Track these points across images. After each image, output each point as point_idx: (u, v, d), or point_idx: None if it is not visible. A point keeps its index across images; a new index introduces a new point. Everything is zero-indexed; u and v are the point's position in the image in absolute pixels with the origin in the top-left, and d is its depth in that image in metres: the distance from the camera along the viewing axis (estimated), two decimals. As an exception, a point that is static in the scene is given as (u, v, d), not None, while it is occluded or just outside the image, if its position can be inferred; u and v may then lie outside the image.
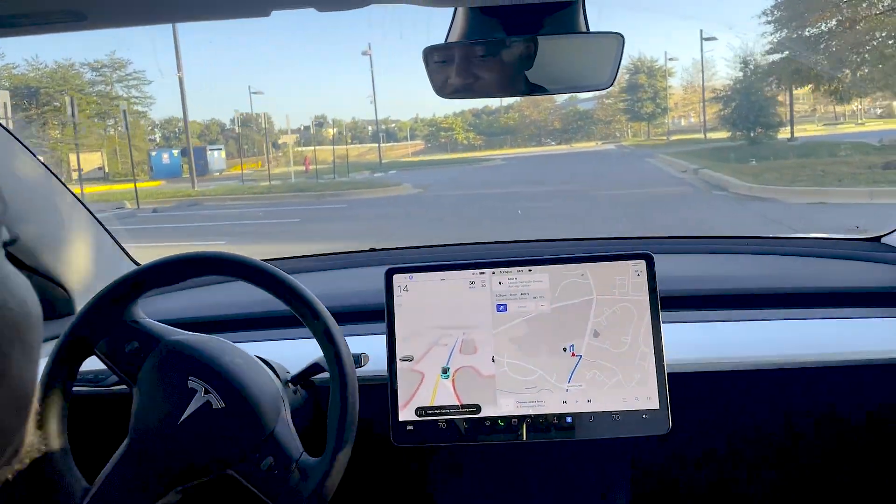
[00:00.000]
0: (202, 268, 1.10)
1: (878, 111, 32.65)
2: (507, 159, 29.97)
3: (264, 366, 1.12)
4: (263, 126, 38.63)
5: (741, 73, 25.09)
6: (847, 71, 17.78)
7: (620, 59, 1.07)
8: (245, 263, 1.07)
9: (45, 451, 1.02)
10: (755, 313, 1.43)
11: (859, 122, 31.40)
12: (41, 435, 1.03)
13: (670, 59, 40.09)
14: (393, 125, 49.87)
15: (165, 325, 1.11)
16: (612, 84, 1.10)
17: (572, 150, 34.01)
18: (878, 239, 1.75)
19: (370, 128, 45.74)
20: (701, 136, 31.40)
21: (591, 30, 1.08)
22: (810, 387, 1.36)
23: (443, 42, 1.13)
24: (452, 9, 1.11)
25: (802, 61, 18.50)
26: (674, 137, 34.44)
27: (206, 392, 1.02)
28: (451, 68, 1.12)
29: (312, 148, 35.72)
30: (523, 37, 1.07)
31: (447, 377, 1.21)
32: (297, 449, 1.04)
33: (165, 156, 29.24)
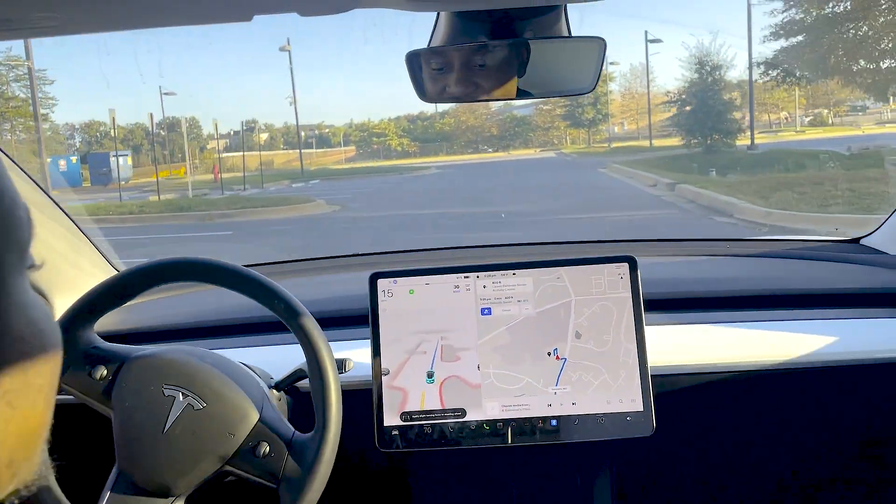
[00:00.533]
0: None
1: (808, 119, 34.75)
2: (442, 167, 28.80)
3: (239, 363, 1.19)
4: (152, 129, 34.09)
5: (697, 75, 24.56)
6: (871, 64, 16.55)
7: (602, 63, 1.19)
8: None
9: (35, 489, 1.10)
10: (736, 315, 1.51)
11: (798, 129, 32.37)
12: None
13: (611, 63, 37.44)
14: (327, 130, 47.74)
15: (123, 345, 1.16)
16: (594, 88, 1.23)
17: (511, 158, 33.69)
18: (857, 241, 1.92)
19: (303, 133, 43.20)
20: (644, 143, 31.94)
21: (572, 34, 1.24)
22: (792, 388, 1.45)
23: (425, 47, 1.27)
24: (435, 13, 1.25)
25: (823, 46, 16.96)
26: (615, 144, 34.60)
27: (185, 396, 1.08)
28: (434, 72, 1.25)
29: (218, 155, 33.71)
30: (507, 41, 1.20)
31: (432, 381, 1.29)
32: (287, 429, 1.11)
33: (63, 163, 27.34)
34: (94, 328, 1.17)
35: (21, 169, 1.41)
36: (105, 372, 1.13)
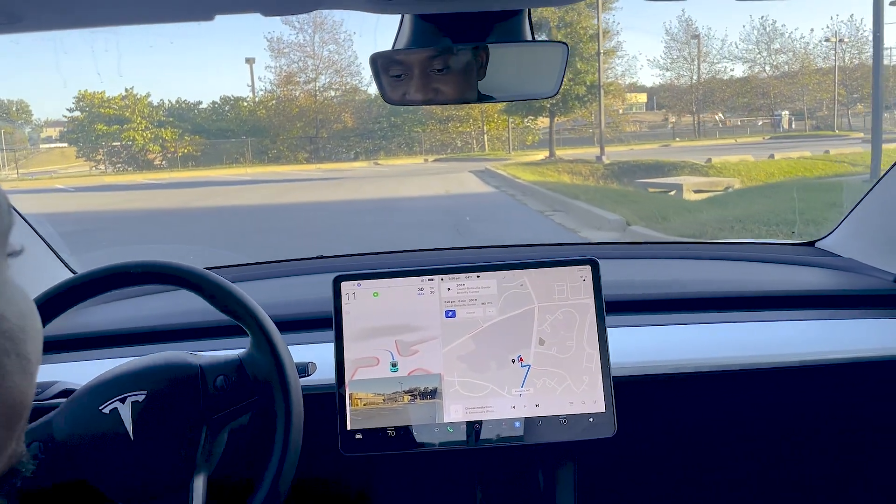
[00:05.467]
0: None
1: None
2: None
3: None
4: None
5: None
6: None
7: (565, 67, 1.22)
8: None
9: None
10: (697, 317, 1.55)
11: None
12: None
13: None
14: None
15: (37, 420, 1.11)
16: (556, 92, 1.25)
17: (377, 186, 16.48)
18: (812, 244, 1.97)
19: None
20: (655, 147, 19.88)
21: (536, 38, 1.24)
22: (749, 388, 1.48)
23: (389, 49, 1.26)
24: (399, 15, 1.24)
25: None
26: (612, 149, 19.45)
27: (123, 400, 1.07)
28: (397, 75, 1.25)
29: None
30: (470, 45, 1.20)
31: (396, 384, 1.28)
32: (232, 355, 1.13)
33: None
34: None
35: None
36: (41, 445, 1.09)
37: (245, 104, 25.24)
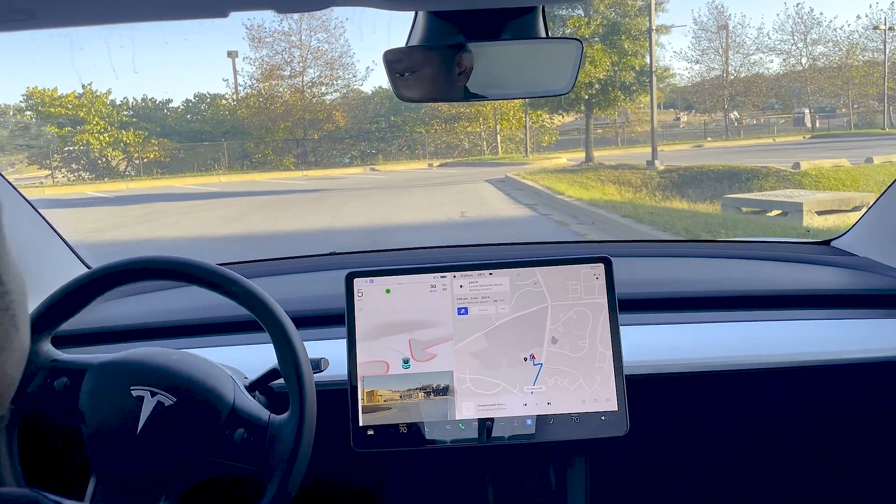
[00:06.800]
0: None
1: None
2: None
3: (205, 359, 1.18)
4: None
5: None
6: None
7: (579, 64, 1.22)
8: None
9: None
10: (710, 316, 1.53)
11: None
12: None
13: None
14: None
15: (83, 355, 1.15)
16: (570, 89, 1.25)
17: (368, 203, 12.80)
18: (827, 243, 1.95)
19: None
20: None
21: (550, 36, 1.24)
22: (763, 388, 1.47)
23: (402, 46, 1.26)
24: (413, 12, 1.24)
25: None
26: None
27: (154, 394, 1.07)
28: (410, 72, 1.24)
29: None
30: (483, 42, 1.20)
31: (408, 381, 1.28)
32: (263, 412, 1.11)
33: None
34: (50, 340, 1.16)
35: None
36: (68, 381, 1.12)
37: (224, 102, 22.46)
